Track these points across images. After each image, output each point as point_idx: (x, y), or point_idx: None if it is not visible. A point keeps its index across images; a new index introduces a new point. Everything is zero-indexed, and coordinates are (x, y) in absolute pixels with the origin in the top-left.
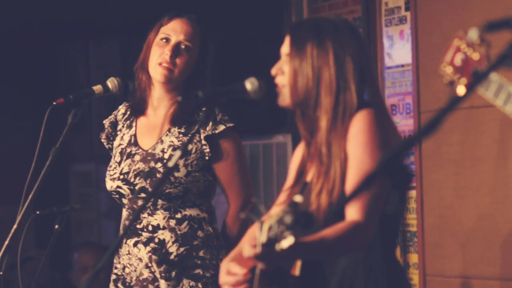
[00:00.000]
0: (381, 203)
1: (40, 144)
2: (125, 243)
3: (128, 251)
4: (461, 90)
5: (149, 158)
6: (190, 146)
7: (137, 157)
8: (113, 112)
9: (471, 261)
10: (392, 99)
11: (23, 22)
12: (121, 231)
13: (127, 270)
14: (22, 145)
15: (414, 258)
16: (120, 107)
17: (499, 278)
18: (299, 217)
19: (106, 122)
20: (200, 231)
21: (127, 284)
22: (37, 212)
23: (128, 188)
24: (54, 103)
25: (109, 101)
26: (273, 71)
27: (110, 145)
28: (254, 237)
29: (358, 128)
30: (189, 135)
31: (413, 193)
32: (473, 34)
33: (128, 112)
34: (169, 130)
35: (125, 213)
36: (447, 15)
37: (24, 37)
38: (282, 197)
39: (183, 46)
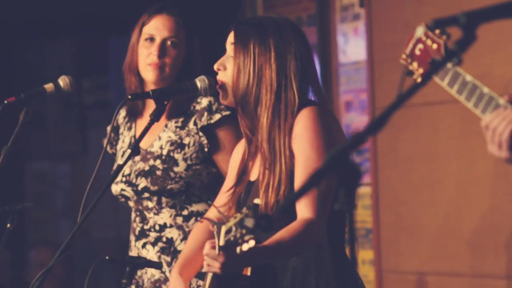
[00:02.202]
0: (329, 200)
1: None
2: (134, 245)
3: (138, 253)
4: (418, 80)
5: (148, 156)
6: (187, 139)
7: (137, 157)
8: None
9: (426, 257)
10: (347, 96)
11: None
12: (131, 234)
13: (139, 273)
14: None
15: (369, 254)
16: (121, 110)
17: (453, 274)
18: (260, 220)
19: (108, 128)
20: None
21: (141, 287)
22: None
23: (132, 190)
24: (5, 101)
25: (65, 99)
26: (215, 67)
27: (113, 150)
28: (198, 240)
29: (303, 126)
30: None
31: (368, 190)
32: (420, 31)
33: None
34: (166, 126)
35: (133, 215)
36: (401, 12)
37: None
38: (224, 198)
39: (169, 43)
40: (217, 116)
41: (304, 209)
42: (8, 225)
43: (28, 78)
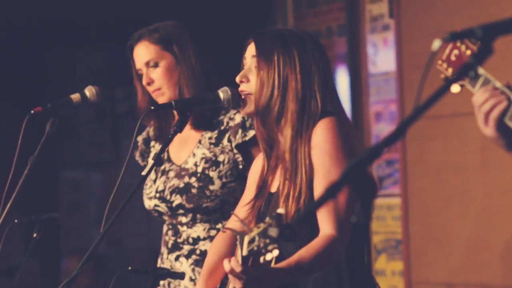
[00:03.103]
0: (351, 213)
1: (21, 153)
2: (167, 258)
3: (170, 266)
4: (454, 88)
5: (183, 173)
6: (222, 157)
7: (171, 173)
8: (146, 129)
9: (456, 269)
10: (377, 106)
11: (10, 27)
12: (162, 246)
13: (172, 286)
14: (7, 152)
15: (399, 265)
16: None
17: (483, 286)
18: (284, 229)
19: (140, 139)
20: None
21: None
22: (15, 221)
23: (166, 206)
24: (32, 111)
25: (98, 109)
26: (238, 79)
27: (145, 162)
28: (220, 251)
29: (323, 137)
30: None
31: (398, 201)
32: (436, 44)
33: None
34: (200, 142)
35: (165, 227)
36: (430, 22)
37: (11, 43)
38: (243, 212)
39: (151, 65)
40: (251, 133)
41: (326, 225)
42: (35, 235)
43: (60, 86)
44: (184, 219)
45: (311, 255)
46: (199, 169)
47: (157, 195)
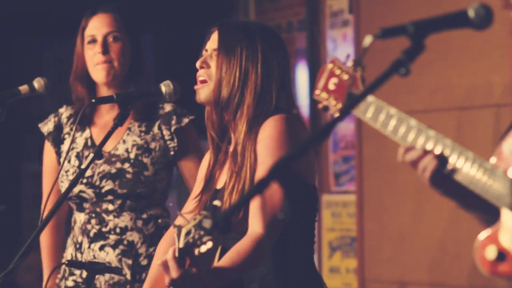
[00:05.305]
0: (282, 210)
1: None
2: (88, 247)
3: (94, 255)
4: (336, 115)
5: (113, 159)
6: (153, 144)
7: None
8: (54, 115)
9: (409, 267)
10: None
11: None
12: (80, 236)
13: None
14: None
15: (354, 263)
16: (61, 110)
17: (435, 284)
18: (218, 221)
19: (49, 126)
20: (164, 230)
21: None
22: None
23: (93, 192)
24: None
25: (61, 99)
26: (198, 64)
27: (57, 149)
28: (167, 248)
29: (268, 133)
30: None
31: (353, 198)
32: (368, 41)
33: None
34: (129, 129)
35: (83, 217)
36: (389, 19)
37: None
38: (191, 205)
39: (111, 38)
40: (185, 120)
41: (254, 223)
42: None
43: (26, 78)
44: (110, 207)
45: (241, 259)
46: (132, 155)
47: (84, 180)
